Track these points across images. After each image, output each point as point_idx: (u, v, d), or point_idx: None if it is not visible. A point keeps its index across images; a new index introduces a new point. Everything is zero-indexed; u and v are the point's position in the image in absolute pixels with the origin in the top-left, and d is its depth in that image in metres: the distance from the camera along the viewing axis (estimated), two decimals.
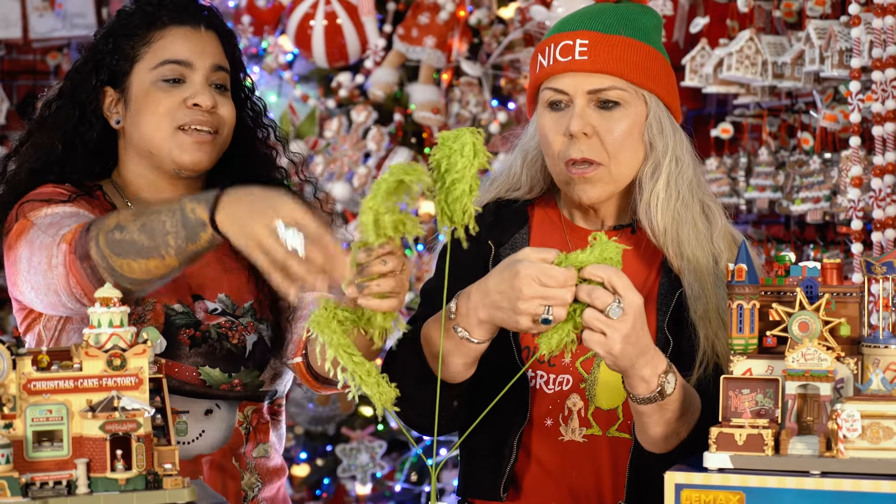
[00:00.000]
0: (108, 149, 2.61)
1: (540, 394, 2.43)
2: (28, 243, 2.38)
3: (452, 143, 2.11)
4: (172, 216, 2.23)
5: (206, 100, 2.52)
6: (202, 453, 2.54)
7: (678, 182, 2.43)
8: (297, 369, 2.59)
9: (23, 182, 2.53)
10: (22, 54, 6.45)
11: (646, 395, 2.22)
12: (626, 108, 2.41)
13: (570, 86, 2.41)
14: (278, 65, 5.75)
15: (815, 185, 4.05)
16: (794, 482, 1.97)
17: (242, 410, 2.59)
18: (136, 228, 2.25)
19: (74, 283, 2.29)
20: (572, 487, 2.42)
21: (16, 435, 1.88)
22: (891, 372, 2.08)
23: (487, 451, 2.44)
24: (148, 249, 2.24)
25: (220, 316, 2.58)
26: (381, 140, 5.37)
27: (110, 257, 2.26)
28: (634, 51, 2.41)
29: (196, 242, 2.22)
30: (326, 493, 5.76)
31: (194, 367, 2.53)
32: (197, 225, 2.21)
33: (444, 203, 2.12)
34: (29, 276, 2.37)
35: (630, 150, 2.41)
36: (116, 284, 2.20)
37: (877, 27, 3.48)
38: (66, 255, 2.29)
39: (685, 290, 2.40)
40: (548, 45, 2.44)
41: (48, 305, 2.39)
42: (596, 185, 2.41)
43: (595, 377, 2.42)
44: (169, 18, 2.56)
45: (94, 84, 2.57)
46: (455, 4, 5.29)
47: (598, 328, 2.13)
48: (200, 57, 2.55)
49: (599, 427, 2.42)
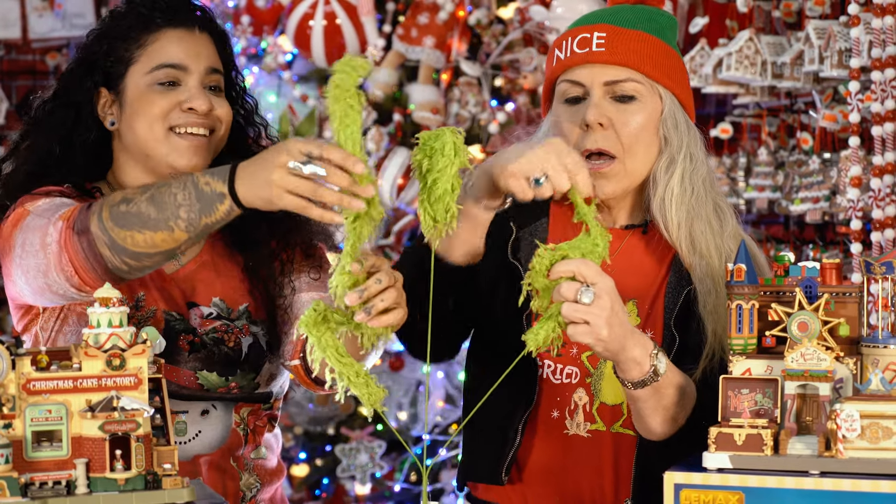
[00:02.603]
0: (104, 150, 2.61)
1: (547, 383, 2.44)
2: (23, 229, 2.38)
3: (433, 142, 2.12)
4: (184, 189, 2.24)
5: (201, 104, 2.52)
6: (199, 454, 2.54)
7: (693, 178, 2.43)
8: (294, 371, 2.59)
9: (21, 184, 2.53)
10: (21, 54, 6.45)
11: (640, 378, 2.22)
12: (641, 102, 2.42)
13: (587, 77, 2.42)
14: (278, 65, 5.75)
15: (815, 185, 4.05)
16: (794, 482, 1.97)
17: (238, 412, 2.59)
18: (143, 200, 2.25)
19: (66, 260, 2.29)
20: (574, 482, 2.43)
21: (15, 435, 1.88)
22: (890, 372, 2.08)
23: (491, 434, 2.44)
24: (156, 221, 2.24)
25: (216, 320, 2.58)
26: (381, 140, 5.37)
27: (112, 230, 2.25)
28: (651, 46, 2.43)
29: (211, 215, 2.22)
30: (326, 493, 5.76)
31: (192, 371, 2.53)
32: (214, 197, 2.21)
33: (426, 203, 2.13)
34: (21, 262, 2.37)
35: (645, 144, 2.42)
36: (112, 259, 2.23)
37: (876, 27, 3.47)
38: (62, 231, 2.30)
39: (696, 285, 2.40)
40: (565, 40, 2.46)
41: (36, 291, 2.38)
42: (611, 180, 2.41)
43: (601, 372, 2.43)
44: (163, 20, 2.55)
45: (88, 86, 2.57)
46: (454, 4, 5.29)
47: (579, 319, 2.15)
48: (195, 60, 2.55)
49: (604, 423, 2.43)
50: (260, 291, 2.62)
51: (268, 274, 2.62)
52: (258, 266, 2.62)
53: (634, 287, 2.42)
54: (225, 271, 2.62)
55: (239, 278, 2.62)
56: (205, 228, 2.25)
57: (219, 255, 2.64)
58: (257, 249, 2.63)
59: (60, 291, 2.34)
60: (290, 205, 2.14)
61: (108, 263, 2.28)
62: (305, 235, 2.65)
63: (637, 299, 2.44)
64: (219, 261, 2.62)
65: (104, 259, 2.28)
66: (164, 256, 2.30)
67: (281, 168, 2.12)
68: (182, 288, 2.58)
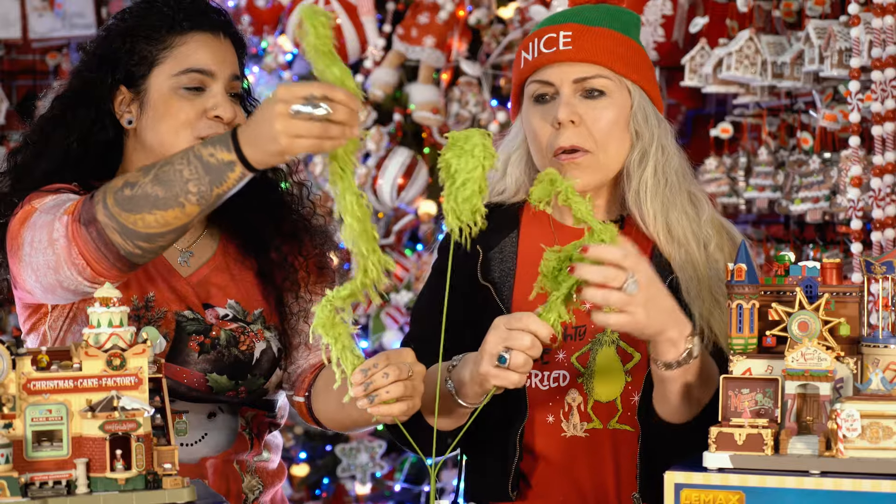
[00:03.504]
0: (116, 148, 2.59)
1: (536, 391, 2.44)
2: (30, 227, 2.37)
3: (463, 143, 2.13)
4: (189, 164, 2.23)
5: (227, 112, 2.51)
6: (205, 456, 2.54)
7: (666, 170, 2.46)
8: (297, 407, 2.62)
9: (36, 182, 2.50)
10: (21, 54, 6.45)
11: (674, 359, 2.22)
12: (611, 97, 2.44)
13: (556, 76, 2.44)
14: (278, 65, 5.75)
15: (815, 184, 4.05)
16: (794, 482, 1.97)
17: (244, 415, 2.59)
18: (147, 182, 2.25)
19: (76, 253, 2.28)
20: (578, 482, 2.43)
21: (15, 435, 1.88)
22: (890, 371, 2.08)
23: (492, 452, 2.45)
24: (165, 200, 2.23)
25: (232, 322, 2.58)
26: (381, 140, 5.37)
27: (120, 215, 2.25)
28: (617, 42, 2.46)
29: (223, 184, 2.22)
30: (326, 492, 5.76)
31: (202, 373, 2.52)
32: (223, 167, 2.21)
33: (453, 202, 2.14)
34: (31, 259, 2.35)
35: (617, 139, 2.44)
36: (124, 245, 2.23)
37: (876, 27, 3.47)
38: (69, 225, 2.29)
39: (677, 273, 2.42)
40: (531, 41, 2.48)
41: (47, 289, 2.37)
42: (585, 170, 2.43)
43: (592, 371, 2.43)
44: (189, 24, 2.53)
45: (108, 83, 2.54)
46: (454, 4, 5.29)
47: (617, 307, 2.14)
48: (221, 66, 2.54)
49: (600, 420, 2.43)
50: (273, 297, 2.62)
51: (281, 279, 2.62)
52: (271, 271, 2.62)
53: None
54: (239, 275, 2.62)
55: (253, 283, 2.62)
56: (216, 199, 2.24)
57: (232, 259, 2.63)
58: (269, 254, 2.63)
59: (72, 287, 2.33)
60: (303, 148, 2.13)
61: (121, 249, 2.27)
62: (317, 242, 2.65)
63: None
64: (232, 265, 2.62)
65: (116, 246, 2.26)
66: (176, 234, 2.29)
67: (282, 117, 2.11)
68: (197, 290, 2.57)
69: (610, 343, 2.44)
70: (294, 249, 2.64)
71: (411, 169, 5.33)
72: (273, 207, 2.66)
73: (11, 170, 2.56)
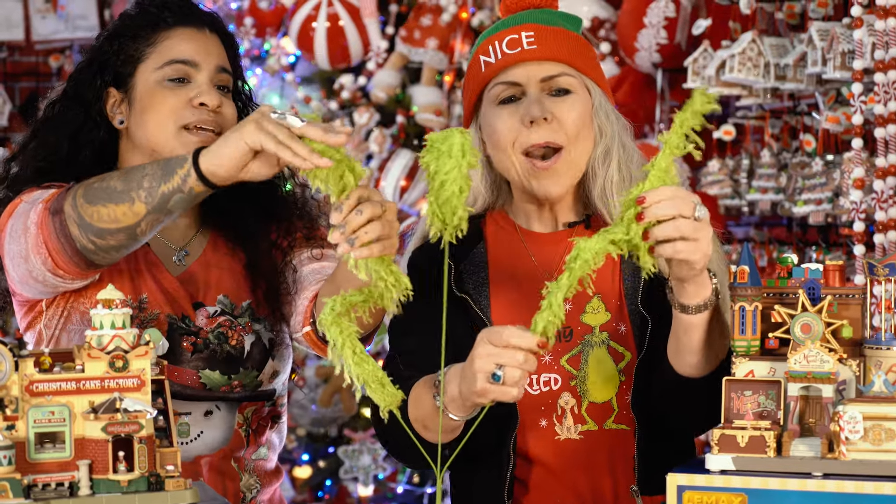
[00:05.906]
0: (111, 149, 2.61)
1: (527, 397, 2.41)
2: (14, 216, 2.40)
3: (441, 144, 2.08)
4: (154, 164, 2.28)
5: (212, 99, 2.52)
6: (201, 454, 2.54)
7: (628, 165, 2.47)
8: (307, 339, 2.58)
9: (28, 181, 2.53)
10: (24, 56, 6.46)
11: (704, 300, 2.19)
12: (576, 95, 2.45)
13: (523, 76, 2.44)
14: (281, 67, 5.76)
15: (818, 186, 4.05)
16: (797, 484, 1.97)
17: (243, 412, 2.59)
18: (116, 175, 2.28)
19: (41, 241, 2.30)
20: (574, 485, 2.43)
21: (18, 436, 1.88)
22: (893, 373, 2.08)
23: (486, 459, 2.44)
24: (119, 194, 2.26)
25: (220, 316, 2.58)
26: (384, 142, 5.38)
27: (82, 206, 2.27)
28: (575, 41, 2.49)
29: (169, 181, 2.23)
30: (328, 494, 5.76)
31: (195, 370, 2.53)
32: (174, 163, 2.23)
33: (435, 205, 2.10)
34: (8, 248, 2.39)
35: (584, 136, 2.45)
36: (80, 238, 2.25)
37: (879, 29, 3.47)
38: (41, 213, 2.31)
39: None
40: (491, 44, 2.47)
41: (21, 278, 2.40)
42: (562, 176, 2.43)
43: (585, 373, 2.42)
44: (173, 20, 2.57)
45: (98, 85, 2.57)
46: (457, 6, 5.29)
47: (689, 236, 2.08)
48: (205, 57, 2.56)
49: (595, 422, 2.42)
50: (262, 287, 2.62)
51: (269, 267, 2.62)
52: (259, 260, 2.63)
53: (593, 282, 2.38)
54: (228, 269, 2.63)
55: (242, 275, 2.63)
56: (161, 198, 2.25)
57: (221, 253, 2.64)
58: (257, 243, 2.63)
59: (40, 278, 2.36)
60: (261, 141, 2.14)
61: (77, 243, 2.29)
62: (306, 220, 2.66)
63: (601, 294, 2.44)
64: (222, 259, 2.63)
65: (73, 238, 2.29)
66: (126, 235, 2.29)
67: (252, 122, 2.15)
68: (187, 289, 2.58)
69: (600, 344, 2.43)
70: (282, 231, 2.64)
71: (414, 171, 5.34)
72: (258, 195, 2.65)
73: (5, 177, 2.59)
